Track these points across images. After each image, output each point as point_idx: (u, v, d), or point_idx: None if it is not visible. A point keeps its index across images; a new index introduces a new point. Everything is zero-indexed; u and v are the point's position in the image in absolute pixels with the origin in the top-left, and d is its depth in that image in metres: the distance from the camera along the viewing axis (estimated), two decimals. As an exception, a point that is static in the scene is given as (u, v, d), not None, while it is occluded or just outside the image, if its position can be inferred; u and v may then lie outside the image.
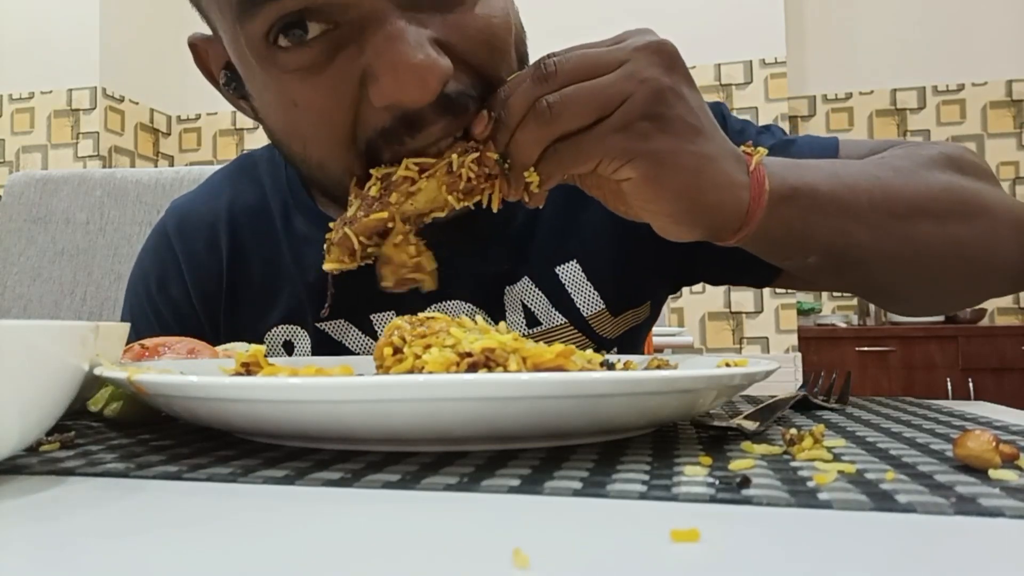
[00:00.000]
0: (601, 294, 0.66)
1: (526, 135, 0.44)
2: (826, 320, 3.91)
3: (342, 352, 0.67)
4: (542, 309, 0.65)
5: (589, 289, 0.66)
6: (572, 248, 0.66)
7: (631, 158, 0.44)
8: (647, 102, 0.43)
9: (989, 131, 3.99)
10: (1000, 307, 3.94)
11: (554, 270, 0.65)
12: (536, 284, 0.65)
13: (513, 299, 0.65)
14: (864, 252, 0.53)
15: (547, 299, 0.65)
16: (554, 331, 0.65)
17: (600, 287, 0.66)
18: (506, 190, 0.46)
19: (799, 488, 0.27)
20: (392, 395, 0.30)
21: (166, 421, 0.46)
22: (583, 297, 0.66)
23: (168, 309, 0.71)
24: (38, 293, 1.18)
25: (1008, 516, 0.24)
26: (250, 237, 0.69)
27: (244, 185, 0.71)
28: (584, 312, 0.66)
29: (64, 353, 0.31)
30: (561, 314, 0.65)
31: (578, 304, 0.66)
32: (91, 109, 3.67)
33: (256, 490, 0.29)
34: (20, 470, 0.32)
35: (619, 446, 0.36)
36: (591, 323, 0.66)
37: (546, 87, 0.43)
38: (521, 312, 0.65)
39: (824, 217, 0.51)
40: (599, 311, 0.66)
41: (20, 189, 1.23)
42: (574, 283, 0.66)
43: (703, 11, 3.78)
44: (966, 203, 0.57)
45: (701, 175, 0.45)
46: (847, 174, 0.53)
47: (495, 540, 0.22)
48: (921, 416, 0.47)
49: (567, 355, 0.36)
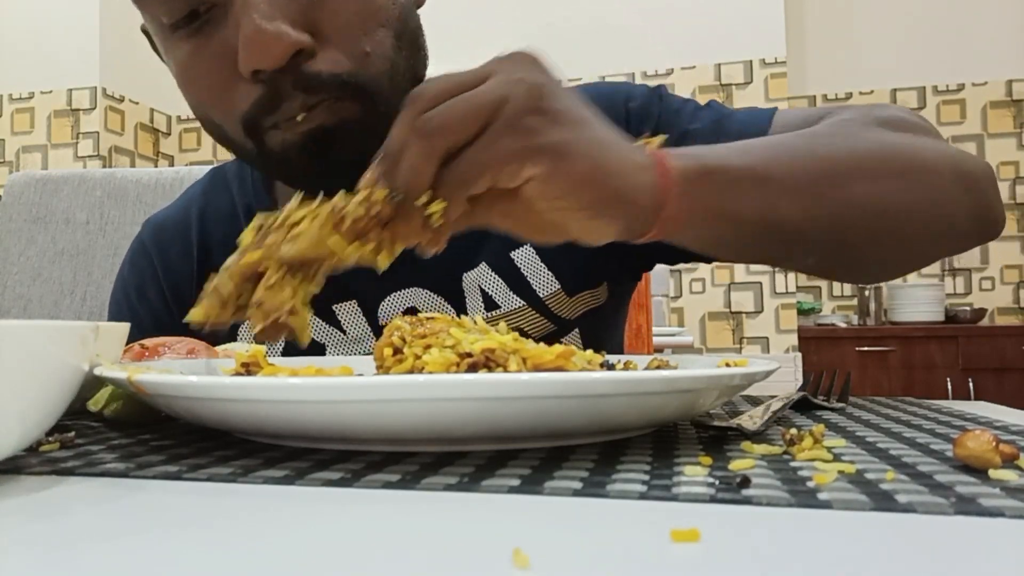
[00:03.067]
0: (556, 275, 0.68)
1: (411, 154, 0.41)
2: (826, 320, 3.91)
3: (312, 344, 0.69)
4: (500, 293, 0.67)
5: (544, 271, 0.68)
6: None
7: (528, 155, 0.41)
8: (528, 98, 0.41)
9: (989, 131, 3.99)
10: (1000, 307, 3.94)
11: (509, 255, 0.68)
12: (493, 269, 0.68)
13: (471, 285, 0.68)
14: (799, 223, 0.50)
15: (504, 283, 0.67)
16: (512, 313, 0.68)
17: (554, 269, 0.68)
18: (404, 232, 0.42)
19: (799, 488, 0.27)
20: (392, 395, 0.30)
21: (166, 421, 0.46)
22: (539, 279, 0.68)
23: (147, 314, 0.75)
24: (38, 293, 1.18)
25: (1008, 516, 0.24)
26: (219, 240, 0.73)
27: (214, 194, 0.76)
28: (540, 294, 0.68)
29: (64, 353, 0.31)
30: (518, 297, 0.67)
31: (534, 287, 0.68)
32: (91, 109, 3.67)
33: (256, 490, 0.29)
34: (20, 470, 0.32)
35: (619, 446, 0.36)
36: (548, 304, 0.68)
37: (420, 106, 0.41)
38: (479, 297, 0.68)
39: (744, 193, 0.48)
40: (555, 292, 0.68)
41: (20, 189, 1.23)
42: (529, 266, 0.68)
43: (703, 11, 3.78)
44: (900, 159, 0.54)
45: (603, 160, 0.43)
46: (763, 146, 0.51)
47: (495, 540, 0.22)
48: (921, 416, 0.47)
49: (567, 356, 0.36)
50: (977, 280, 3.99)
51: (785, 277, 3.71)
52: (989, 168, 0.60)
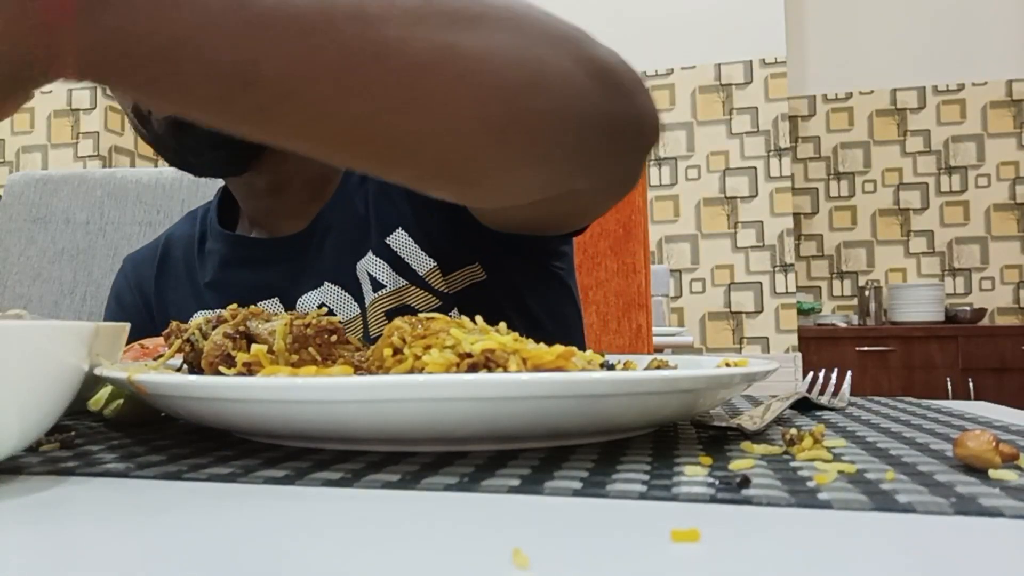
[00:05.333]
0: (428, 254, 0.73)
1: None
2: (826, 320, 3.91)
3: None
4: (384, 274, 0.73)
5: (417, 251, 0.73)
6: (396, 219, 0.74)
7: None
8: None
9: (989, 131, 3.99)
10: (1000, 307, 3.94)
11: (385, 240, 0.73)
12: (377, 255, 0.73)
13: (362, 272, 0.74)
14: (311, 72, 0.36)
15: (387, 266, 0.73)
16: (398, 292, 0.73)
17: (425, 248, 0.73)
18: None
19: (799, 488, 0.27)
20: (392, 395, 0.30)
21: (166, 421, 0.46)
22: (415, 259, 0.73)
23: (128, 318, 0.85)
24: (38, 293, 1.18)
25: (1008, 516, 0.24)
26: (177, 256, 0.85)
27: (182, 227, 0.88)
28: (419, 271, 0.73)
29: (64, 353, 0.31)
30: (400, 276, 0.72)
31: (413, 266, 0.73)
32: (91, 109, 3.67)
33: (256, 490, 0.29)
34: (20, 470, 0.32)
35: (619, 446, 0.36)
36: (427, 279, 0.73)
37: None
38: (368, 281, 0.73)
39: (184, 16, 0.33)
40: (431, 269, 0.73)
41: (20, 189, 1.23)
42: (405, 248, 0.73)
43: (703, 11, 3.79)
44: (469, 8, 0.41)
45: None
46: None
47: (495, 540, 0.22)
48: (921, 416, 0.47)
49: (567, 356, 0.36)
50: (977, 280, 3.99)
51: (785, 277, 3.71)
52: (618, 56, 0.48)
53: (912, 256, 4.08)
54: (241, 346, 0.40)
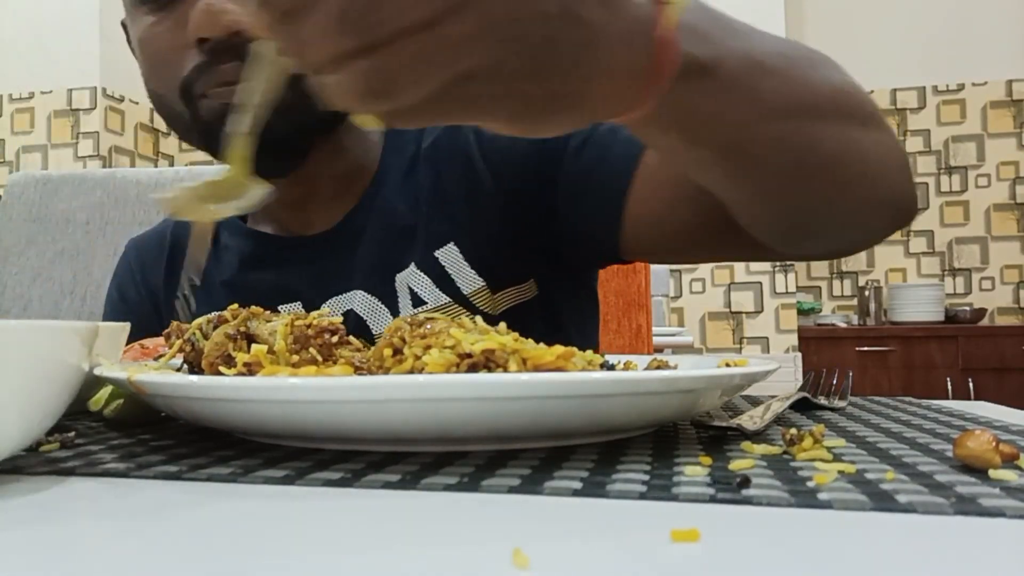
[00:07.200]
0: (478, 272, 0.69)
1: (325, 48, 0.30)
2: (826, 320, 3.91)
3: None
4: (426, 290, 0.70)
5: (467, 268, 0.70)
6: (448, 232, 0.70)
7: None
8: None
9: (989, 131, 3.99)
10: (1000, 307, 3.94)
11: (434, 254, 0.70)
12: (420, 268, 0.70)
13: (402, 284, 0.70)
14: (762, 148, 0.44)
15: (431, 281, 0.70)
16: (437, 309, 0.70)
17: (476, 266, 0.69)
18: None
19: (799, 488, 0.27)
20: (392, 395, 0.30)
21: (166, 421, 0.46)
22: (462, 277, 0.70)
23: (128, 311, 0.83)
24: (38, 293, 1.18)
25: (1008, 516, 0.24)
26: (186, 247, 0.79)
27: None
28: (464, 290, 0.70)
29: (64, 353, 0.31)
30: (444, 294, 0.69)
31: (458, 284, 0.70)
32: (91, 109, 3.67)
33: (256, 490, 0.29)
34: (20, 470, 0.32)
35: (619, 446, 0.36)
36: (472, 300, 0.70)
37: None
38: (408, 295, 0.70)
39: (732, 102, 0.41)
40: (478, 288, 0.70)
41: (20, 189, 1.23)
42: (453, 264, 0.69)
43: (703, 11, 3.78)
44: (864, 107, 0.50)
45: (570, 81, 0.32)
46: (764, 49, 0.44)
47: (495, 540, 0.22)
48: (921, 416, 0.47)
49: (567, 356, 0.36)
50: (977, 280, 3.99)
51: (785, 277, 3.71)
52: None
53: (912, 256, 4.08)
54: (241, 346, 0.40)
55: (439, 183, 0.71)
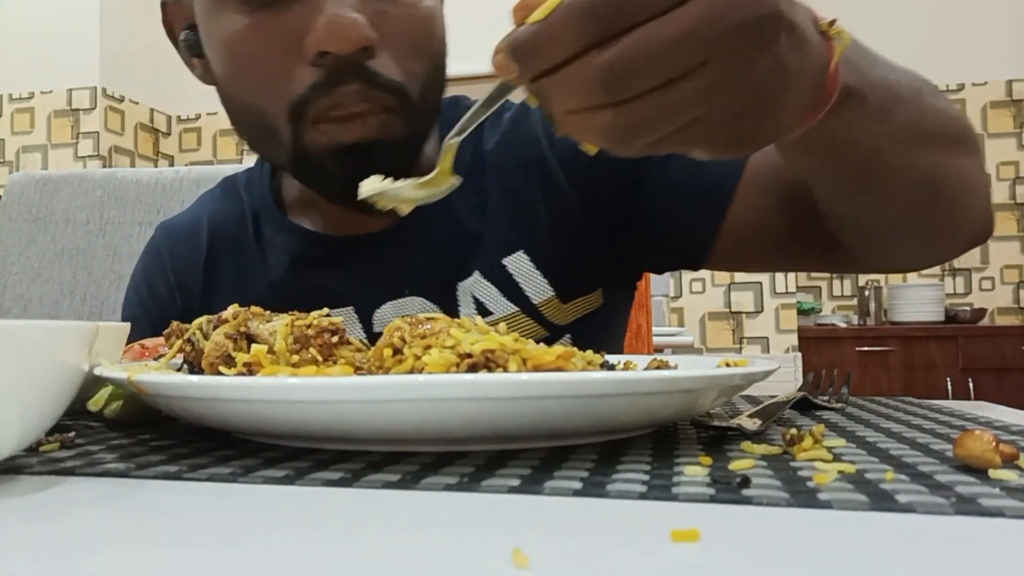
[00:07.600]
0: (549, 281, 0.67)
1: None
2: (826, 320, 3.91)
3: None
4: (492, 299, 0.67)
5: (538, 277, 0.67)
6: (518, 239, 0.67)
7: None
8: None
9: (989, 131, 3.99)
10: (1000, 307, 3.94)
11: (502, 261, 0.67)
12: (485, 276, 0.67)
13: (464, 293, 0.67)
14: (889, 170, 0.48)
15: (497, 290, 0.67)
16: (504, 319, 0.67)
17: (548, 275, 0.67)
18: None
19: (799, 488, 0.27)
20: (392, 395, 0.30)
21: (166, 421, 0.46)
22: (532, 285, 0.67)
23: (156, 308, 0.76)
24: (38, 293, 1.18)
25: (1008, 516, 0.24)
26: (226, 241, 0.74)
27: (225, 201, 0.77)
28: (533, 300, 0.67)
29: (64, 353, 0.31)
30: (511, 303, 0.66)
31: (527, 292, 0.67)
32: (91, 109, 3.67)
33: (256, 490, 0.29)
34: (20, 470, 0.32)
35: (619, 446, 0.36)
36: (541, 310, 0.67)
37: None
38: (472, 304, 0.67)
39: (869, 127, 0.44)
40: (548, 298, 0.67)
41: (20, 189, 1.23)
42: (522, 272, 0.67)
43: (703, 11, 3.78)
44: (967, 133, 0.54)
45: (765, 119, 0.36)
46: (895, 79, 0.48)
47: (495, 540, 0.22)
48: (921, 416, 0.47)
49: (567, 356, 0.36)
50: (977, 280, 3.99)
51: (785, 277, 3.71)
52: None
53: (912, 256, 4.08)
54: (241, 346, 0.40)
55: (509, 187, 0.67)
